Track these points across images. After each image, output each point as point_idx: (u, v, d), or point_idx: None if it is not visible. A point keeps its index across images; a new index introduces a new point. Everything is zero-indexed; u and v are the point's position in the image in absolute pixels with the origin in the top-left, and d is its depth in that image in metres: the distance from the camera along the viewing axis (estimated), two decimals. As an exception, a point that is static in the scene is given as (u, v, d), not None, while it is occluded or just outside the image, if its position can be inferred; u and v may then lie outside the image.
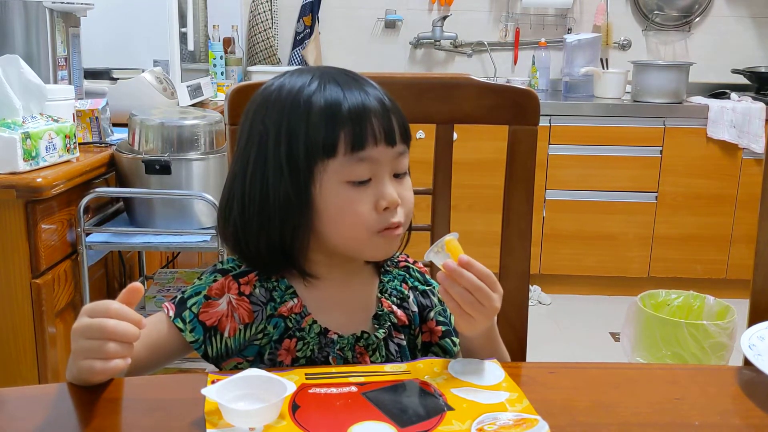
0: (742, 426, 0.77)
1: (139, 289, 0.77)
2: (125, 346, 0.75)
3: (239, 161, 0.88)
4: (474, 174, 3.28)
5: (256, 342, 0.88)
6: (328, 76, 0.86)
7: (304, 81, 0.86)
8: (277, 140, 0.84)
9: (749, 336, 0.90)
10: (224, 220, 0.89)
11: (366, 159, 0.83)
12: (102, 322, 0.74)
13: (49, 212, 1.59)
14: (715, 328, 2.43)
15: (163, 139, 1.80)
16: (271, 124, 0.85)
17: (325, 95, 0.84)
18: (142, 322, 0.76)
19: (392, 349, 0.92)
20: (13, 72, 1.67)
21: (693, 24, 3.80)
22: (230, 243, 0.90)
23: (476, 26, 3.83)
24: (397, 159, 0.87)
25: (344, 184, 0.84)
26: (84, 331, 0.75)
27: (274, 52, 3.64)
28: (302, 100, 0.84)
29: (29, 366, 1.58)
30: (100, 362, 0.74)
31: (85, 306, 0.77)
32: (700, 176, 3.34)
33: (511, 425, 0.72)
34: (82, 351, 0.75)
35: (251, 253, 0.88)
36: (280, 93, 0.86)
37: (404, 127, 0.87)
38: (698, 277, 3.39)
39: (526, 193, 1.16)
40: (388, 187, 0.85)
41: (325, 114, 0.83)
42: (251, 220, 0.86)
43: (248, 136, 0.88)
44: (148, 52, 2.50)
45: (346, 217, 0.84)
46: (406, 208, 0.87)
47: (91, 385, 0.79)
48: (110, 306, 0.75)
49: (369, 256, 0.90)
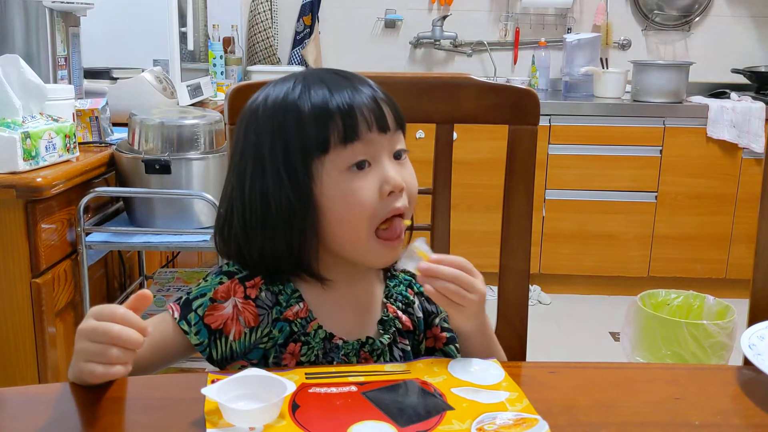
0: (742, 425, 0.77)
1: (148, 297, 0.77)
2: (128, 352, 0.75)
3: (235, 176, 0.87)
4: (474, 173, 3.28)
5: (261, 346, 0.88)
6: (313, 77, 0.86)
7: (288, 87, 0.86)
8: (272, 148, 0.84)
9: (749, 335, 0.90)
10: (223, 238, 0.89)
11: (360, 144, 0.83)
12: (107, 326, 0.74)
13: (49, 212, 1.59)
14: (715, 327, 2.43)
15: (163, 139, 1.80)
16: (264, 134, 0.85)
17: (312, 96, 0.84)
18: (147, 330, 0.76)
19: (396, 354, 0.92)
20: (12, 71, 1.67)
21: (693, 24, 3.80)
22: (232, 255, 0.89)
23: (476, 26, 3.83)
24: (393, 139, 0.86)
25: (343, 172, 0.83)
26: (89, 333, 0.75)
27: (273, 51, 3.64)
28: (290, 105, 0.84)
29: (29, 366, 1.58)
30: (102, 367, 0.74)
31: (92, 308, 0.77)
32: (700, 176, 3.34)
33: (511, 425, 0.72)
34: (85, 353, 0.75)
35: (256, 264, 0.88)
36: (266, 103, 0.86)
37: (397, 114, 0.87)
38: (698, 276, 3.39)
39: (526, 192, 1.16)
40: (389, 169, 0.84)
41: (314, 113, 0.83)
42: (254, 232, 0.85)
43: (242, 150, 0.87)
44: (148, 51, 2.50)
45: (349, 207, 0.83)
46: (409, 193, 0.87)
47: (92, 384, 0.79)
48: (117, 311, 0.75)
49: (371, 261, 0.89)
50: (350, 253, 0.87)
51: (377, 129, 0.84)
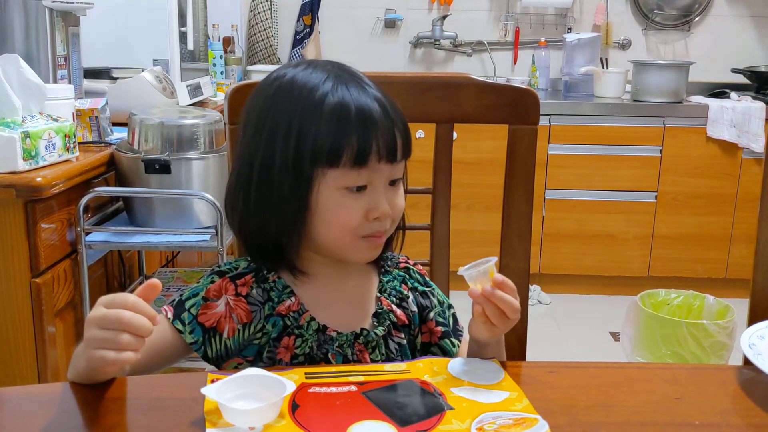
0: (742, 425, 0.77)
1: (157, 286, 0.77)
2: (138, 339, 0.75)
3: (247, 150, 0.88)
4: (474, 173, 3.28)
5: (255, 341, 0.89)
6: (342, 79, 0.87)
7: (319, 80, 0.86)
8: (287, 139, 0.85)
9: (749, 335, 0.90)
10: (231, 207, 0.91)
11: (366, 170, 0.85)
12: (119, 312, 0.74)
13: (48, 211, 1.59)
14: (714, 327, 2.43)
15: (163, 139, 1.79)
16: (281, 120, 0.85)
17: (337, 100, 0.84)
18: (156, 319, 0.76)
19: (392, 347, 0.93)
20: (12, 71, 1.67)
21: (693, 23, 3.80)
22: (235, 228, 0.91)
23: (476, 26, 3.83)
24: (395, 168, 0.88)
25: (341, 189, 0.85)
26: (99, 321, 0.75)
27: (273, 51, 3.64)
28: (315, 102, 0.84)
29: (29, 365, 1.58)
30: (113, 352, 0.74)
31: (102, 297, 0.77)
32: (700, 176, 3.34)
33: (511, 424, 0.72)
34: (95, 340, 0.75)
35: (253, 242, 0.90)
36: (293, 88, 0.86)
37: (407, 141, 0.89)
38: (698, 276, 3.39)
39: (526, 192, 1.16)
40: (382, 199, 0.86)
41: (335, 121, 0.83)
42: (255, 210, 0.87)
43: (256, 125, 0.88)
44: (148, 51, 2.50)
45: (335, 219, 0.86)
46: (394, 217, 0.89)
47: (97, 381, 0.79)
48: (128, 299, 0.75)
49: (351, 258, 0.91)
50: (332, 252, 0.90)
51: (386, 159, 0.85)
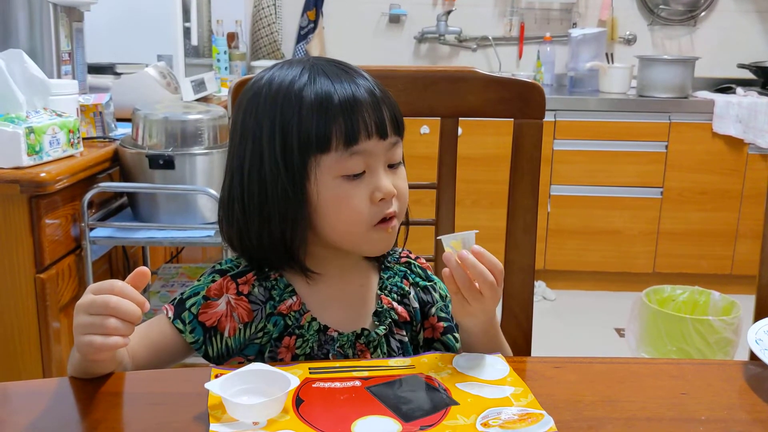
0: (749, 420, 0.77)
1: (146, 273, 0.77)
2: (126, 324, 0.74)
3: (235, 159, 0.87)
4: (479, 169, 3.27)
5: (256, 341, 0.88)
6: (318, 68, 0.86)
7: (295, 74, 0.86)
8: (271, 136, 0.84)
9: (756, 330, 0.90)
10: (227, 220, 0.89)
11: (359, 152, 0.84)
12: (105, 298, 0.74)
13: (53, 207, 1.59)
14: (720, 323, 2.43)
15: (167, 134, 1.79)
16: (264, 119, 0.85)
17: (316, 88, 0.84)
18: (146, 305, 0.76)
19: (393, 345, 0.92)
20: (16, 67, 1.67)
21: (699, 18, 3.79)
22: (235, 242, 0.89)
23: (481, 21, 3.82)
24: (391, 150, 0.87)
25: (339, 178, 0.84)
26: (87, 306, 0.75)
27: (277, 46, 3.64)
28: (293, 94, 0.84)
29: (33, 360, 1.58)
30: (100, 337, 0.74)
31: (90, 285, 0.77)
32: (706, 171, 3.32)
33: (516, 420, 0.72)
34: (83, 326, 0.75)
35: (255, 250, 0.88)
36: (270, 87, 0.86)
37: (396, 117, 0.87)
38: (704, 272, 3.38)
39: (531, 187, 1.15)
40: (383, 178, 0.85)
41: (317, 107, 0.83)
42: (252, 217, 0.86)
43: (241, 131, 0.87)
44: (152, 47, 2.49)
45: (343, 212, 0.85)
46: (400, 199, 0.88)
47: (93, 374, 0.79)
48: (115, 284, 0.75)
49: (366, 251, 0.90)
50: (346, 245, 0.88)
51: (377, 135, 0.84)
